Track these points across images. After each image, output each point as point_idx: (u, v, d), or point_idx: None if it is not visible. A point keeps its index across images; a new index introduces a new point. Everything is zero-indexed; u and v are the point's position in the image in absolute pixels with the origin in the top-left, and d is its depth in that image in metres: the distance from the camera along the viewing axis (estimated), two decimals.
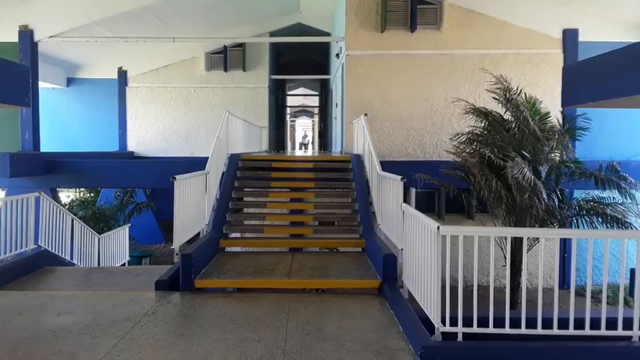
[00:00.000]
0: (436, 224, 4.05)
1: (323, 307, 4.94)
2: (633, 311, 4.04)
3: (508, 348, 3.92)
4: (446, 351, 3.84)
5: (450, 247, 4.02)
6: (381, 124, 10.66)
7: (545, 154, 7.28)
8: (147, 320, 4.43)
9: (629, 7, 9.97)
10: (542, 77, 10.50)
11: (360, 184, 8.11)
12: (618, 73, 5.61)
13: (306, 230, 7.77)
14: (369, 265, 6.21)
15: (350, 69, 10.90)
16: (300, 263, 6.33)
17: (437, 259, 3.99)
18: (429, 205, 10.50)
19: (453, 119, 10.33)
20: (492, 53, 10.64)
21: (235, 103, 14.97)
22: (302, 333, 4.19)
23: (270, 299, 5.15)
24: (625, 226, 6.89)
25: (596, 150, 8.92)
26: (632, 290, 4.27)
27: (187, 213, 6.17)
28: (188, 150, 15.19)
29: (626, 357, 3.97)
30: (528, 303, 4.29)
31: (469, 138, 7.86)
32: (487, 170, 7.17)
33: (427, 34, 10.67)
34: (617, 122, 10.08)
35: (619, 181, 7.16)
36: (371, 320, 4.65)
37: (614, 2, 9.81)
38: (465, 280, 4.23)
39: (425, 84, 10.75)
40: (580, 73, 6.31)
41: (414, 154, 10.74)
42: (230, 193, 7.98)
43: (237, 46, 15.24)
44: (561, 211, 7.46)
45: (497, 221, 7.85)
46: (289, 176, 8.77)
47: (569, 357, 3.90)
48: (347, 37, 10.87)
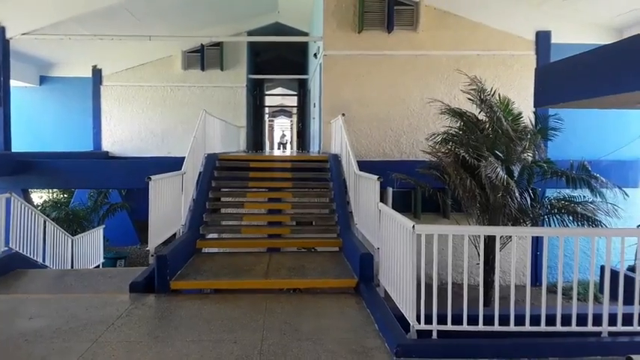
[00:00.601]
0: (411, 223, 4.09)
1: (300, 307, 4.95)
2: (602, 307, 4.15)
3: (481, 345, 4.00)
4: (421, 348, 3.89)
5: (425, 246, 4.06)
6: (359, 124, 10.71)
7: (518, 153, 7.43)
8: (121, 323, 4.37)
9: (599, 10, 10.24)
10: (515, 78, 10.69)
11: (338, 184, 8.15)
12: (588, 74, 5.75)
13: (284, 230, 7.77)
14: (346, 265, 6.24)
15: (327, 69, 10.93)
16: (277, 263, 6.32)
17: (412, 258, 4.04)
18: (405, 204, 10.60)
19: (429, 119, 10.44)
20: (467, 54, 10.80)
21: (213, 103, 14.84)
22: (279, 333, 4.20)
23: (247, 300, 5.14)
24: (595, 224, 7.07)
25: (567, 150, 9.11)
26: (602, 287, 4.39)
27: (163, 214, 6.11)
28: (165, 150, 15.00)
29: (596, 352, 4.06)
30: (502, 300, 4.36)
31: (444, 138, 7.98)
32: (462, 170, 7.28)
33: (404, 35, 10.77)
34: (587, 123, 10.31)
35: (590, 180, 7.35)
36: (347, 319, 4.68)
37: (585, 5, 10.06)
38: (440, 279, 4.29)
39: (402, 84, 10.84)
40: (552, 74, 6.45)
41: (390, 154, 10.83)
42: (207, 194, 7.92)
43: (214, 45, 15.12)
44: (533, 210, 7.63)
45: (472, 220, 7.98)
46: (267, 176, 8.77)
47: (541, 353, 3.98)
48: (325, 37, 10.89)
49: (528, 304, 4.14)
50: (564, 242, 4.25)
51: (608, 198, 7.45)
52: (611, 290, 4.25)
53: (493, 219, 7.36)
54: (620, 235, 4.38)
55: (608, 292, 4.29)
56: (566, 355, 3.98)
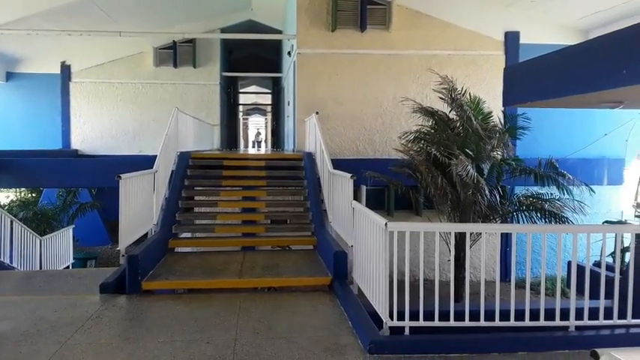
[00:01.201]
0: (384, 221, 4.13)
1: (274, 306, 4.95)
2: (570, 302, 4.27)
3: (452, 340, 4.05)
4: (393, 345, 3.93)
5: (399, 243, 4.10)
6: (333, 122, 10.75)
7: (488, 152, 7.59)
8: (91, 324, 4.30)
9: (565, 11, 10.52)
10: (485, 78, 10.89)
11: (312, 182, 8.17)
12: (555, 74, 5.91)
13: (258, 229, 7.76)
14: (321, 263, 6.27)
15: (301, 67, 10.93)
16: (251, 262, 6.31)
17: (385, 255, 4.07)
18: (379, 202, 10.68)
19: (401, 118, 10.55)
20: (438, 54, 10.94)
21: (185, 100, 14.66)
22: (252, 332, 4.19)
23: (220, 299, 5.11)
24: (562, 221, 7.27)
25: (535, 148, 9.34)
26: (569, 282, 4.51)
27: (134, 213, 6.02)
28: (136, 148, 14.74)
29: (563, 346, 4.12)
30: (473, 296, 4.45)
31: (417, 136, 8.09)
32: (433, 168, 7.40)
33: (376, 34, 10.85)
34: (554, 122, 10.58)
35: (557, 177, 7.57)
36: (321, 317, 4.71)
37: (553, 7, 10.32)
38: (412, 275, 4.34)
39: (375, 83, 10.92)
40: (520, 74, 6.60)
41: (364, 152, 10.91)
42: (180, 192, 7.84)
43: (187, 41, 14.91)
44: (503, 207, 7.81)
45: (443, 217, 8.11)
46: (241, 174, 8.72)
47: (510, 347, 4.04)
48: (298, 35, 10.89)
49: (498, 300, 4.23)
50: (532, 238, 4.35)
51: (574, 195, 7.68)
52: (578, 285, 4.36)
53: (464, 216, 7.50)
54: (586, 232, 4.51)
55: (574, 287, 4.40)
56: (534, 350, 4.04)
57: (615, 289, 4.29)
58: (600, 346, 4.16)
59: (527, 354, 3.99)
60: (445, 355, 3.91)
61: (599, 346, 4.40)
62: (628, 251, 4.91)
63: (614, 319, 4.26)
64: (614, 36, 5.25)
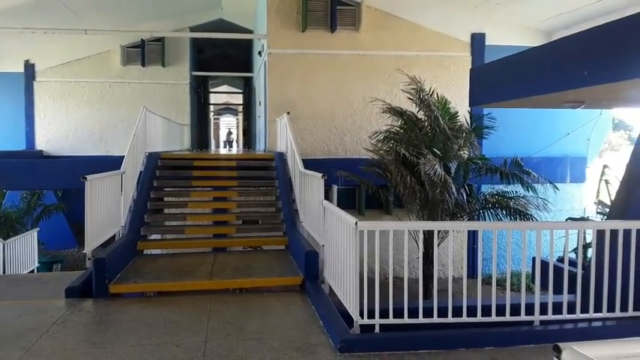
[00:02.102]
0: (354, 220, 4.16)
1: (245, 307, 4.94)
2: (534, 298, 4.38)
3: (421, 337, 4.11)
4: (363, 343, 3.97)
5: (369, 242, 4.14)
6: (304, 122, 10.76)
7: (455, 151, 7.74)
8: (56, 330, 4.20)
9: (530, 13, 10.80)
10: (452, 78, 11.07)
11: (284, 182, 8.16)
12: (519, 75, 6.07)
13: (229, 229, 7.71)
14: (292, 263, 6.28)
15: (272, 67, 10.90)
16: (222, 263, 6.27)
17: (355, 254, 4.10)
18: (350, 201, 10.75)
19: (372, 118, 10.64)
20: (407, 55, 11.08)
21: (154, 100, 14.40)
22: (223, 334, 4.17)
23: (190, 302, 5.06)
24: (527, 218, 7.48)
25: (501, 147, 9.55)
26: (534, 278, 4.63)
27: (101, 215, 5.90)
28: (103, 148, 14.42)
29: (528, 340, 4.21)
30: (442, 292, 4.52)
31: (386, 136, 8.18)
32: (402, 167, 7.49)
33: (346, 34, 10.91)
34: (519, 121, 10.82)
35: (522, 175, 7.77)
36: (293, 317, 4.72)
37: (517, 9, 10.58)
38: (383, 274, 4.39)
39: (345, 83, 10.99)
40: (485, 75, 6.76)
41: (335, 152, 10.96)
42: (148, 194, 7.73)
43: (155, 40, 14.66)
44: (470, 205, 7.98)
45: (413, 215, 8.23)
46: (212, 175, 8.64)
47: (477, 343, 4.11)
48: (269, 35, 10.85)
49: (465, 296, 4.31)
50: (499, 235, 4.45)
51: (539, 193, 7.89)
52: (543, 280, 4.47)
53: (432, 214, 7.62)
54: (549, 228, 4.66)
55: (539, 283, 4.52)
56: (500, 345, 4.11)
57: (578, 284, 4.43)
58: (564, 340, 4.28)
59: (493, 349, 4.06)
60: (415, 352, 3.95)
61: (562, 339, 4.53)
62: (590, 247, 5.08)
63: (576, 314, 4.40)
64: (575, 38, 5.43)
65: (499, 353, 3.98)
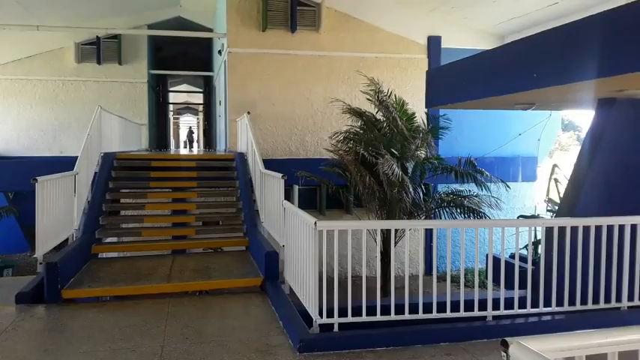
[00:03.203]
0: (313, 220, 4.17)
1: (204, 310, 4.89)
2: (487, 293, 4.52)
3: (379, 334, 4.18)
4: (322, 342, 4.00)
5: (329, 242, 4.17)
6: (265, 122, 10.73)
7: (412, 151, 7.90)
8: (5, 337, 4.05)
9: (484, 17, 11.14)
10: (410, 80, 11.25)
11: (244, 183, 8.12)
12: (473, 77, 6.26)
13: (189, 231, 7.62)
14: (252, 264, 6.26)
15: (232, 66, 10.81)
16: (181, 266, 6.18)
17: (314, 254, 4.12)
18: (311, 201, 10.79)
19: (332, 119, 10.71)
20: (366, 56, 11.21)
21: (111, 99, 14.03)
22: (181, 338, 4.12)
23: (147, 305, 4.97)
24: (480, 216, 7.71)
25: (456, 147, 9.82)
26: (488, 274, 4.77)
27: (53, 218, 5.71)
28: (57, 149, 13.94)
29: (482, 335, 4.32)
30: (400, 290, 4.59)
31: (346, 137, 8.26)
32: (362, 167, 7.59)
33: (307, 35, 10.94)
34: (473, 122, 11.14)
35: (475, 174, 8.00)
36: (252, 318, 4.71)
37: (472, 12, 10.89)
38: (344, 273, 4.42)
39: (306, 84, 11.02)
40: (441, 77, 6.94)
41: (296, 153, 10.97)
42: (104, 195, 7.53)
43: (112, 37, 14.26)
44: (426, 204, 8.17)
45: (372, 215, 8.34)
46: (170, 176, 8.51)
47: (433, 339, 4.20)
48: (228, 34, 10.76)
49: (421, 293, 4.40)
50: (454, 233, 4.56)
51: (492, 191, 8.15)
52: (496, 276, 4.61)
53: (390, 213, 7.75)
54: (501, 226, 4.81)
55: (491, 279, 4.67)
56: (455, 340, 4.22)
57: (528, 279, 4.60)
58: (516, 334, 4.43)
59: (448, 344, 4.17)
60: (373, 349, 4.01)
61: (514, 334, 4.68)
62: (540, 244, 5.28)
63: (527, 308, 4.56)
64: (525, 41, 5.64)
65: (454, 348, 4.09)
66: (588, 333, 1.82)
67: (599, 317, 4.62)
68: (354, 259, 4.38)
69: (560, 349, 1.74)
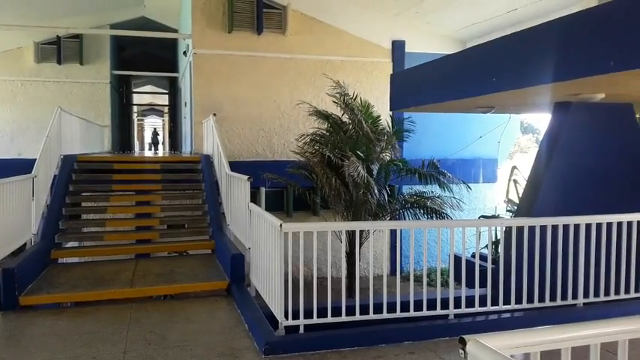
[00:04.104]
0: (279, 222, 4.18)
1: (168, 314, 4.83)
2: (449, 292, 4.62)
3: (343, 335, 4.21)
4: (288, 344, 4.00)
5: (295, 243, 4.17)
6: (231, 124, 10.66)
7: (377, 153, 8.01)
8: None
9: (446, 22, 11.39)
10: (375, 83, 11.38)
11: (210, 185, 8.06)
12: (435, 81, 6.40)
13: (153, 235, 7.49)
14: (218, 267, 6.22)
15: (198, 68, 10.70)
16: (144, 270, 6.08)
17: (280, 256, 4.13)
18: (278, 203, 10.77)
19: (299, 121, 10.74)
20: (332, 59, 11.28)
21: (72, 100, 13.68)
22: (143, 343, 4.05)
23: (109, 311, 4.87)
24: (442, 217, 7.88)
25: (419, 150, 9.98)
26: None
27: (9, 222, 5.52)
28: (15, 151, 13.47)
29: (444, 333, 4.41)
30: (366, 290, 4.64)
31: (312, 139, 8.30)
32: (328, 169, 7.65)
33: (273, 37, 10.93)
34: (436, 125, 11.30)
35: (438, 176, 8.18)
36: (217, 322, 4.68)
37: (434, 17, 11.13)
38: (310, 274, 4.43)
39: (272, 86, 11.00)
40: (405, 80, 7.07)
41: (263, 155, 10.94)
42: (64, 199, 7.33)
43: (73, 37, 13.90)
44: (391, 205, 8.29)
45: (339, 216, 8.40)
46: (134, 178, 8.35)
47: (397, 338, 4.26)
48: (194, 35, 10.65)
49: (385, 293, 4.48)
50: (419, 233, 4.63)
51: (454, 192, 8.34)
52: (459, 276, 4.70)
53: (356, 214, 7.83)
54: (462, 226, 4.93)
55: (452, 278, 4.77)
56: (418, 339, 4.29)
57: (488, 278, 4.72)
58: (476, 332, 4.53)
59: (411, 343, 4.23)
60: (338, 350, 4.04)
61: (475, 331, 4.79)
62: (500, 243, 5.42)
63: (487, 306, 4.67)
64: (485, 47, 5.81)
65: (416, 347, 4.16)
66: (543, 329, 1.86)
67: (556, 314, 4.75)
68: (321, 260, 4.40)
69: (516, 345, 1.78)
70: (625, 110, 5.88)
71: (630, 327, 1.90)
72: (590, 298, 4.88)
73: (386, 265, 4.91)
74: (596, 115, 5.71)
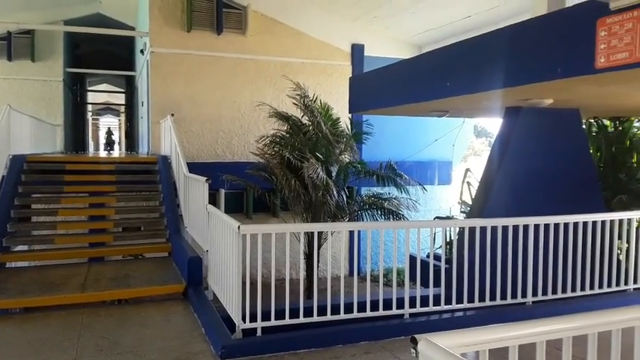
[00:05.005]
0: (237, 224, 4.15)
1: (122, 319, 4.72)
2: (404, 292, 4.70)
3: (301, 336, 4.23)
4: (244, 347, 3.99)
5: (254, 245, 4.15)
6: (190, 124, 10.51)
7: (337, 155, 8.09)
8: None
9: (403, 27, 11.62)
10: (335, 86, 11.47)
11: (168, 187, 7.93)
12: (391, 85, 6.52)
13: (107, 238, 7.31)
14: (175, 270, 6.13)
15: (155, 66, 10.50)
16: (97, 274, 5.92)
17: (238, 258, 4.10)
18: (238, 205, 10.69)
19: (259, 122, 10.70)
20: (293, 61, 11.30)
21: (22, 97, 13.11)
22: (95, 350, 3.95)
23: (60, 317, 4.72)
24: (399, 218, 8.03)
25: (378, 152, 10.14)
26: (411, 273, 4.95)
27: None
28: None
29: (400, 333, 4.49)
30: (324, 291, 4.67)
31: (272, 140, 8.29)
32: (287, 171, 7.66)
33: (233, 37, 10.85)
34: (394, 128, 11.51)
35: (396, 178, 8.33)
36: (173, 326, 4.61)
37: (392, 23, 11.33)
38: (269, 277, 4.42)
39: (233, 87, 10.91)
40: (363, 84, 7.16)
41: (223, 156, 10.83)
42: (12, 200, 7.05)
43: (24, 32, 13.35)
44: (349, 207, 8.38)
45: (298, 218, 8.42)
46: (87, 179, 8.12)
47: (353, 338, 4.32)
48: (151, 33, 10.45)
49: (342, 294, 4.51)
50: (377, 234, 4.68)
51: (411, 194, 8.51)
52: (414, 276, 4.80)
53: (315, 216, 7.88)
54: (417, 227, 5.04)
55: (408, 278, 4.85)
56: (374, 338, 4.35)
57: (442, 277, 4.84)
58: (430, 331, 4.63)
59: (368, 343, 4.30)
60: (295, 352, 4.06)
61: (429, 330, 4.87)
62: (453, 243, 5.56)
63: (441, 305, 4.79)
64: (440, 52, 5.96)
65: (372, 347, 4.23)
66: (491, 328, 1.89)
67: (506, 312, 4.91)
68: (280, 262, 4.40)
69: (466, 344, 1.82)
70: (572, 115, 6.15)
71: (574, 324, 1.98)
72: (539, 296, 5.06)
73: (344, 266, 4.94)
74: (545, 120, 5.94)
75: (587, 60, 3.82)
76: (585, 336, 2.01)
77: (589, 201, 5.93)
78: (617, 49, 3.57)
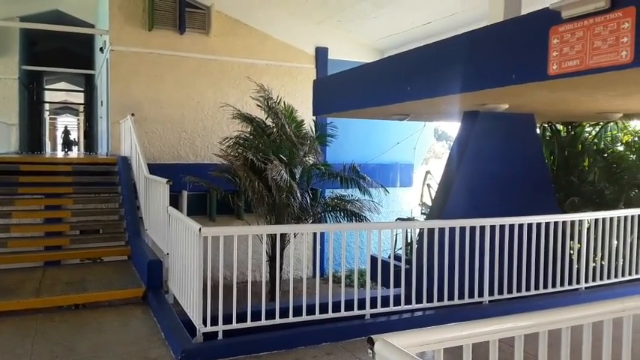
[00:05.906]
0: (198, 226, 4.10)
1: (78, 325, 4.61)
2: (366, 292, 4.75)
3: (263, 339, 4.22)
4: (205, 351, 3.96)
5: (216, 248, 4.12)
6: (152, 125, 10.32)
7: (300, 157, 8.11)
8: None
9: (366, 32, 11.78)
10: (299, 88, 11.49)
11: (127, 188, 7.79)
12: (354, 88, 6.60)
13: (63, 241, 7.10)
14: (134, 273, 6.03)
15: (115, 65, 10.26)
16: (53, 278, 5.77)
17: (199, 261, 4.06)
18: (201, 207, 10.54)
19: (223, 123, 10.60)
20: (257, 63, 11.27)
21: None
22: (50, 357, 3.85)
23: (12, 323, 4.57)
24: (361, 219, 8.12)
25: (341, 154, 10.23)
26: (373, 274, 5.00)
27: None
28: None
29: (361, 333, 4.51)
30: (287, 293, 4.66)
31: (236, 142, 8.23)
32: (251, 172, 7.62)
33: (196, 38, 10.73)
34: (357, 130, 11.66)
35: (359, 180, 8.44)
36: (132, 331, 4.53)
37: (355, 27, 11.47)
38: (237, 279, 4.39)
39: (195, 87, 10.79)
40: (327, 87, 7.23)
41: (186, 157, 10.69)
42: None
43: None
44: (313, 208, 8.42)
45: (262, 220, 8.40)
46: (43, 181, 7.89)
47: (315, 339, 4.34)
48: (111, 31, 10.21)
49: (305, 295, 4.52)
50: (339, 236, 4.72)
51: (373, 196, 8.63)
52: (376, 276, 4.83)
53: (279, 218, 7.88)
54: (379, 229, 5.11)
55: (369, 279, 4.93)
56: (335, 339, 4.38)
57: (402, 278, 4.92)
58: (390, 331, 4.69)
59: (329, 344, 4.32)
60: (256, 355, 4.05)
61: (389, 330, 4.91)
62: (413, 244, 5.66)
63: (402, 305, 4.86)
64: (400, 57, 6.07)
65: (334, 347, 4.26)
66: (446, 327, 1.92)
67: (463, 311, 5.01)
68: (243, 264, 4.37)
69: (421, 343, 1.86)
70: (527, 120, 6.38)
71: (526, 323, 2.05)
72: (495, 295, 5.18)
73: (307, 268, 4.97)
74: (501, 124, 6.14)
75: (540, 67, 3.96)
76: (537, 334, 2.07)
77: (543, 203, 6.15)
78: (569, 56, 3.72)
